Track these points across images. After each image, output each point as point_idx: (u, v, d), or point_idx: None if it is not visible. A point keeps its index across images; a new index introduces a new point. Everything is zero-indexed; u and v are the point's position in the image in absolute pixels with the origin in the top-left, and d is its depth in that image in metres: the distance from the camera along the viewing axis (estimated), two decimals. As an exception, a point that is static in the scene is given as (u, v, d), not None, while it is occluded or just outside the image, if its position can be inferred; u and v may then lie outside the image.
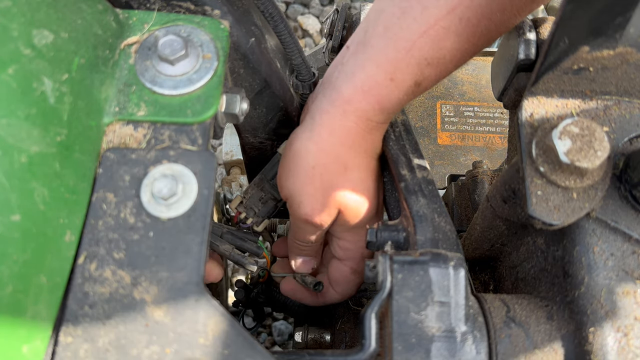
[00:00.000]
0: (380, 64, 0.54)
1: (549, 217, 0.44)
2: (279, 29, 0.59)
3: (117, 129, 0.43)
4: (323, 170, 0.58)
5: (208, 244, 0.40)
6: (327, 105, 0.57)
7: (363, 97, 0.55)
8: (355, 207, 0.59)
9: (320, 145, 0.57)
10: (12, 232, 0.35)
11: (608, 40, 0.44)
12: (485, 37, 0.52)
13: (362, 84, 0.55)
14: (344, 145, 0.57)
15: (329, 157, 0.57)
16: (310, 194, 0.58)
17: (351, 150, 0.57)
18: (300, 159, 0.58)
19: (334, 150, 0.57)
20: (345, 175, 0.58)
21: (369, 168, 0.60)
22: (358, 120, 0.56)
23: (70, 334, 0.37)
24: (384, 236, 0.53)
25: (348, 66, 0.56)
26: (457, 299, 0.44)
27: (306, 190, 0.59)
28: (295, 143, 0.59)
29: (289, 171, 0.59)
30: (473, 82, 1.09)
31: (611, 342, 0.42)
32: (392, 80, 0.54)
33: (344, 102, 0.56)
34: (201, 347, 0.37)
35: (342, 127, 0.56)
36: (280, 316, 1.52)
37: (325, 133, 0.57)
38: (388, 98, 0.55)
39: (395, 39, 0.53)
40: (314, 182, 0.58)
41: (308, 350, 0.47)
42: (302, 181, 0.58)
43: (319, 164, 0.57)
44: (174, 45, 0.44)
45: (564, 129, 0.43)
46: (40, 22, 0.40)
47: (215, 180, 0.41)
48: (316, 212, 0.59)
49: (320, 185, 0.58)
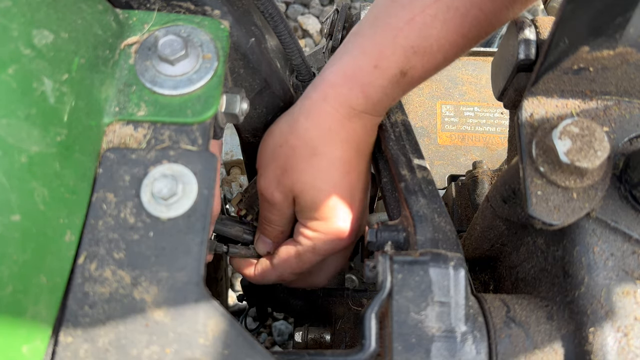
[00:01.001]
0: (365, 50, 0.54)
1: (549, 217, 0.44)
2: (279, 29, 0.59)
3: (117, 129, 0.43)
4: (289, 150, 0.58)
5: (208, 244, 0.40)
6: (310, 91, 0.58)
7: (345, 82, 0.55)
8: (312, 195, 0.58)
9: (293, 127, 0.58)
10: (12, 232, 0.35)
11: (608, 40, 0.44)
12: (475, 28, 0.52)
13: (345, 69, 0.55)
14: (318, 129, 0.57)
15: (299, 140, 0.57)
16: (271, 169, 0.60)
17: (325, 136, 0.57)
18: (272, 137, 0.60)
19: (307, 134, 0.57)
20: (310, 161, 0.57)
21: (342, 159, 0.58)
22: (339, 106, 0.56)
23: (70, 334, 0.37)
24: (384, 236, 0.53)
25: (339, 53, 0.57)
26: (457, 299, 0.44)
27: (268, 166, 0.60)
28: (274, 124, 0.61)
29: (261, 147, 0.62)
30: (473, 82, 1.09)
31: (611, 342, 0.42)
32: (377, 67, 0.53)
33: (326, 86, 0.56)
34: (201, 347, 0.37)
35: (320, 111, 0.56)
36: (280, 316, 1.52)
37: (302, 116, 0.57)
38: (372, 85, 0.54)
39: (382, 26, 0.53)
40: (276, 160, 0.59)
41: (308, 350, 0.47)
42: (267, 157, 0.60)
43: (286, 144, 0.58)
44: (174, 45, 0.44)
45: (564, 129, 0.43)
46: (40, 22, 0.40)
47: (215, 180, 0.41)
48: (270, 188, 0.60)
49: (282, 164, 0.59)
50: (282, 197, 0.60)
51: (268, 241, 0.66)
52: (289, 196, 0.60)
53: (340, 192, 0.59)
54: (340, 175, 0.58)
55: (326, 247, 0.61)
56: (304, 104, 0.58)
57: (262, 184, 0.61)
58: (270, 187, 0.60)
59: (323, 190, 0.58)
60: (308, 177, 0.58)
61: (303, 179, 0.58)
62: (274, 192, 0.60)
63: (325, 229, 0.60)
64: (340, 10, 0.86)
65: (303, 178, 0.58)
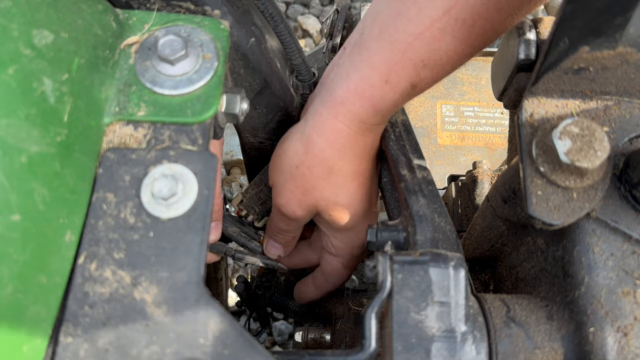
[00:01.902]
0: (374, 65, 0.53)
1: (549, 217, 0.44)
2: (279, 29, 0.59)
3: (117, 129, 0.43)
4: (306, 171, 0.59)
5: (208, 244, 0.40)
6: (320, 107, 0.57)
7: (357, 99, 0.55)
8: (336, 210, 0.61)
9: (308, 147, 0.58)
10: (12, 232, 0.35)
11: (608, 40, 0.44)
12: (482, 37, 0.52)
13: (356, 86, 0.54)
14: (332, 148, 0.57)
15: (315, 159, 0.58)
16: (290, 189, 0.61)
17: (339, 153, 0.58)
18: (286, 158, 0.60)
19: (321, 153, 0.58)
20: (328, 179, 0.59)
21: (357, 172, 0.60)
22: (350, 123, 0.56)
23: (70, 334, 0.37)
24: (384, 236, 0.53)
25: (343, 68, 0.56)
26: (457, 299, 0.44)
27: (286, 186, 0.61)
28: (285, 141, 0.61)
29: (276, 165, 0.62)
30: (473, 82, 1.09)
31: (611, 342, 0.42)
32: (387, 82, 0.53)
33: (336, 103, 0.56)
34: (201, 347, 0.37)
35: (332, 129, 0.56)
36: (280, 316, 1.52)
37: (315, 135, 0.57)
38: (382, 100, 0.54)
39: (391, 41, 0.52)
40: (295, 180, 0.60)
41: (308, 350, 0.47)
42: (285, 177, 0.61)
43: (303, 165, 0.59)
44: (174, 45, 0.44)
45: (564, 129, 0.43)
46: (40, 22, 0.40)
47: (215, 180, 0.41)
48: (290, 206, 0.62)
49: (301, 184, 0.60)
50: (305, 213, 0.62)
51: (279, 246, 0.69)
52: (312, 212, 0.63)
53: (359, 203, 0.62)
54: (356, 187, 0.61)
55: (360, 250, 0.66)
56: (316, 122, 0.57)
57: (282, 202, 0.62)
58: (291, 204, 0.62)
59: (344, 205, 0.61)
60: (329, 194, 0.60)
61: (325, 196, 0.60)
62: (296, 210, 0.62)
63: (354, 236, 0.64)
64: (340, 10, 0.86)
65: (325, 196, 0.60)
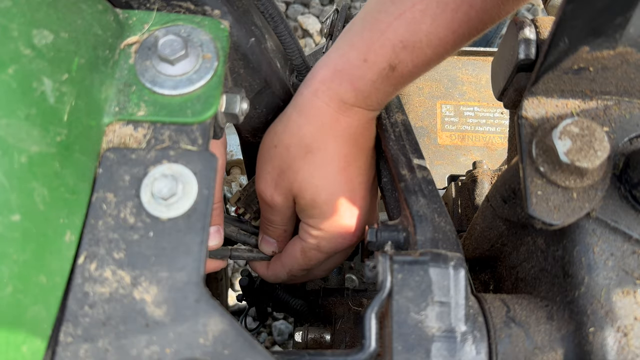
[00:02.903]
0: (354, 44, 0.54)
1: (549, 217, 0.44)
2: (279, 29, 0.59)
3: (117, 129, 0.43)
4: (284, 151, 0.58)
5: (207, 244, 0.40)
6: (302, 87, 0.58)
7: (334, 76, 0.55)
8: (311, 193, 0.58)
9: (287, 127, 0.58)
10: (12, 232, 0.35)
11: (608, 40, 0.44)
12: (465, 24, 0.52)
13: (335, 63, 0.55)
14: (311, 125, 0.57)
15: (293, 138, 0.57)
16: (267, 171, 0.60)
17: (318, 132, 0.57)
18: (267, 138, 0.60)
19: (299, 132, 0.57)
20: (305, 159, 0.57)
21: (337, 154, 0.58)
22: (330, 100, 0.56)
23: (70, 334, 0.37)
24: (384, 236, 0.53)
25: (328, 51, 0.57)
26: (457, 299, 0.44)
27: (265, 168, 0.60)
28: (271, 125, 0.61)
29: (260, 148, 0.61)
30: (473, 82, 1.09)
31: (611, 342, 0.42)
32: (365, 61, 0.54)
33: (316, 81, 0.56)
34: (201, 347, 0.37)
35: (312, 106, 0.56)
36: (280, 316, 1.52)
37: (295, 113, 0.57)
38: (361, 79, 0.55)
39: (372, 21, 0.53)
40: (272, 161, 0.59)
41: (308, 350, 0.47)
42: (264, 159, 0.60)
43: (280, 144, 0.58)
44: (174, 45, 0.44)
45: (564, 129, 0.43)
46: (40, 22, 0.40)
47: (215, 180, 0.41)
48: (268, 191, 0.60)
49: (278, 164, 0.58)
50: (282, 198, 0.60)
51: (272, 241, 0.67)
52: (289, 197, 0.60)
53: (338, 188, 0.58)
54: (336, 170, 0.58)
55: (330, 245, 0.61)
56: (297, 101, 0.58)
57: (261, 187, 0.61)
58: (268, 189, 0.60)
59: (321, 187, 0.58)
60: (305, 175, 0.57)
61: (300, 177, 0.57)
62: (273, 194, 0.60)
63: (328, 227, 0.59)
64: (340, 10, 0.86)
65: (300, 177, 0.57)
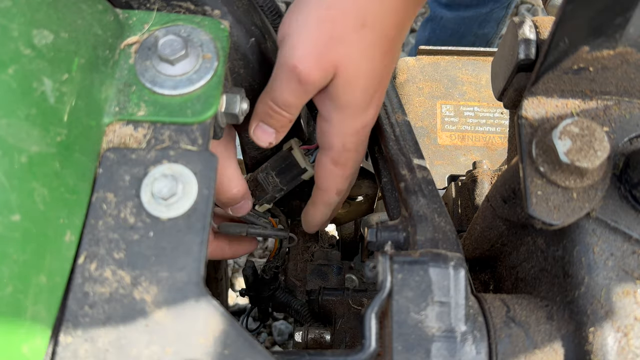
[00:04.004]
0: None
1: (549, 217, 0.44)
2: (277, 23, 0.59)
3: (117, 129, 0.43)
4: (338, 15, 0.48)
5: (207, 244, 0.40)
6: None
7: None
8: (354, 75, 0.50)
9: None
10: (12, 232, 0.35)
11: (608, 40, 0.44)
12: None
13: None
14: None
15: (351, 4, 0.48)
16: (312, 38, 0.49)
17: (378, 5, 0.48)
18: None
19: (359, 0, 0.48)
20: (359, 33, 0.49)
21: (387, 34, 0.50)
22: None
23: (70, 334, 0.37)
24: (384, 236, 0.53)
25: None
26: (457, 299, 0.44)
27: (309, 33, 0.49)
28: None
29: (298, 6, 0.50)
30: (473, 82, 1.10)
31: (611, 342, 0.42)
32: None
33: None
34: (201, 347, 0.37)
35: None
36: (281, 316, 1.52)
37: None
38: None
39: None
40: (321, 27, 0.49)
41: (308, 350, 0.47)
42: (309, 22, 0.49)
43: (336, 8, 0.48)
44: (174, 45, 0.44)
45: (564, 129, 0.43)
46: (40, 22, 0.40)
47: (215, 180, 0.41)
48: (308, 62, 0.49)
49: (328, 32, 0.48)
50: (321, 74, 0.50)
51: (271, 130, 0.55)
52: (329, 73, 0.50)
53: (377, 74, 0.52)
54: (382, 53, 0.51)
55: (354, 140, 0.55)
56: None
57: (298, 57, 0.49)
58: (308, 60, 0.49)
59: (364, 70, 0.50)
60: (355, 51, 0.49)
61: (351, 53, 0.49)
62: (313, 67, 0.49)
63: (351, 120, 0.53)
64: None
65: (351, 52, 0.49)
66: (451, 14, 1.67)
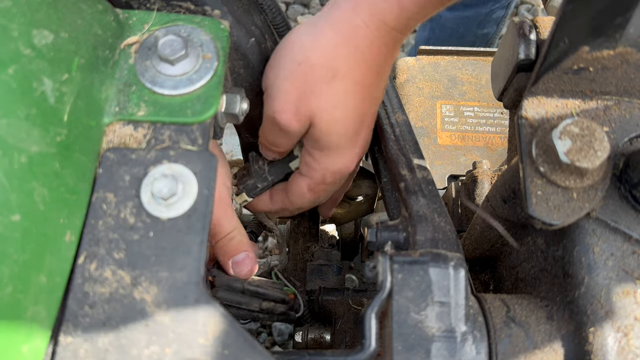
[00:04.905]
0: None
1: (549, 217, 0.44)
2: (277, 21, 0.59)
3: (117, 129, 0.43)
4: (309, 70, 0.52)
5: (207, 244, 0.40)
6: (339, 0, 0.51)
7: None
8: (328, 123, 0.53)
9: (317, 42, 0.51)
10: (12, 232, 0.35)
11: (608, 40, 0.44)
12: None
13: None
14: (344, 47, 0.51)
15: (321, 57, 0.51)
16: (286, 91, 0.53)
17: (350, 56, 0.51)
18: (290, 51, 0.53)
19: (330, 52, 0.51)
20: (331, 84, 0.52)
21: (362, 84, 0.53)
22: (370, 20, 0.50)
23: (70, 334, 0.37)
24: (384, 236, 0.53)
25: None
26: (457, 299, 0.44)
27: (283, 86, 0.53)
28: (292, 35, 0.54)
29: (275, 62, 0.54)
30: (473, 82, 1.10)
31: (611, 342, 0.42)
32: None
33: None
34: (201, 347, 0.37)
35: (349, 24, 0.50)
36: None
37: (327, 29, 0.51)
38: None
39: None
40: (294, 80, 0.52)
41: (308, 350, 0.47)
42: (283, 75, 0.53)
43: (306, 62, 0.52)
44: (174, 45, 0.44)
45: (564, 129, 0.43)
46: (40, 22, 0.40)
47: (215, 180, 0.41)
48: (285, 114, 0.53)
49: (300, 85, 0.52)
50: (299, 124, 0.54)
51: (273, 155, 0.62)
52: (307, 122, 0.54)
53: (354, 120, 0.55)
54: (357, 101, 0.54)
55: (335, 177, 0.59)
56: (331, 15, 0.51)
57: (277, 107, 0.53)
58: (286, 111, 0.53)
59: (340, 119, 0.54)
60: (327, 102, 0.53)
61: (323, 104, 0.53)
62: (292, 119, 0.53)
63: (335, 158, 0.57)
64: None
65: (323, 103, 0.53)
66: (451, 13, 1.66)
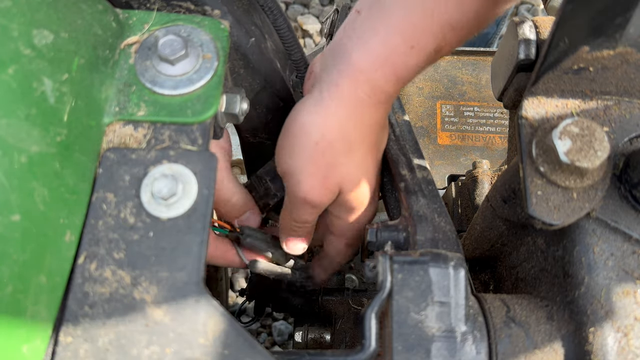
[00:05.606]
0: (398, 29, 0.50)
1: (549, 217, 0.44)
2: (278, 22, 0.58)
3: (117, 129, 0.43)
4: (327, 147, 0.54)
5: (207, 244, 0.40)
6: (336, 76, 0.53)
7: (379, 67, 0.51)
8: (356, 189, 0.57)
9: (328, 120, 0.53)
10: (12, 232, 0.35)
11: (608, 40, 0.44)
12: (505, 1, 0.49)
13: (378, 52, 0.51)
14: (352, 119, 0.53)
15: (335, 133, 0.53)
16: (311, 172, 0.55)
17: (358, 126, 0.54)
18: (304, 134, 0.54)
19: (341, 127, 0.53)
20: (349, 155, 0.55)
21: (373, 145, 0.57)
22: (371, 92, 0.52)
23: (70, 334, 0.37)
24: (384, 236, 0.53)
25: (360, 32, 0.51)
26: (457, 299, 0.44)
27: (307, 169, 0.55)
28: (300, 116, 0.55)
29: (290, 146, 0.55)
30: (473, 82, 1.10)
31: (611, 342, 0.42)
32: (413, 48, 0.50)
33: (356, 71, 0.52)
34: (201, 347, 0.37)
35: (352, 99, 0.52)
36: (280, 316, 1.52)
37: (334, 106, 0.53)
38: (405, 66, 0.51)
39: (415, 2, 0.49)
40: (316, 160, 0.54)
41: (308, 350, 0.47)
42: (303, 158, 0.55)
43: (323, 141, 0.54)
44: (174, 45, 0.44)
45: (564, 129, 0.43)
46: (40, 22, 0.40)
47: (215, 180, 0.41)
48: (316, 192, 0.56)
49: (323, 164, 0.54)
50: (330, 196, 0.57)
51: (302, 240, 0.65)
52: (336, 192, 0.57)
53: (374, 179, 0.59)
54: (373, 162, 0.58)
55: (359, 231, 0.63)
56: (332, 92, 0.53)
57: (305, 191, 0.56)
58: (315, 192, 0.56)
59: (362, 182, 0.57)
60: (349, 171, 0.56)
61: (347, 174, 0.56)
62: (321, 196, 0.56)
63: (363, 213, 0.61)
64: (340, 10, 0.86)
65: (347, 174, 0.56)
66: (451, 14, 1.66)
